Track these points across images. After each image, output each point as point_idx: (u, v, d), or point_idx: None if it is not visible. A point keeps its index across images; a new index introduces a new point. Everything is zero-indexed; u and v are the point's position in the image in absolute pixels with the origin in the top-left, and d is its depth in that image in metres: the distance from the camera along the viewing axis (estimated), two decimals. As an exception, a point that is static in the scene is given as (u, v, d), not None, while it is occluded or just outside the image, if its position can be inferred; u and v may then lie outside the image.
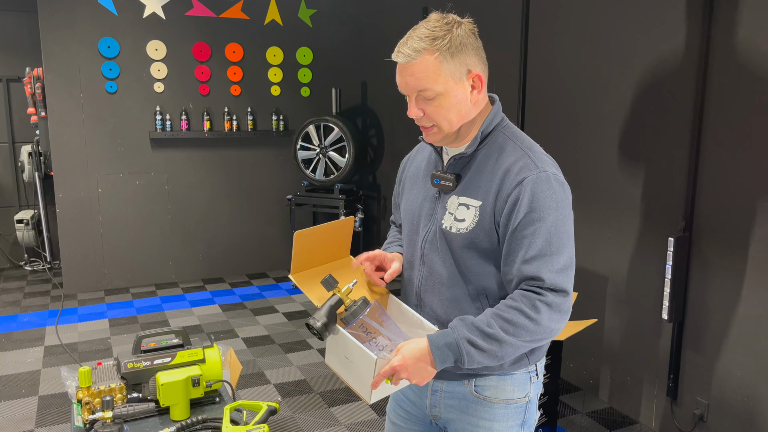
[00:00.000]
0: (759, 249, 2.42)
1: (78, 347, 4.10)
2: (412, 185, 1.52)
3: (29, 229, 5.82)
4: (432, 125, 1.34)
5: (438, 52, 1.25)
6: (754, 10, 2.37)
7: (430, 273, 1.42)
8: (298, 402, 3.33)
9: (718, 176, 2.56)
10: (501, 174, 1.31)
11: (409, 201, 1.51)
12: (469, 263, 1.35)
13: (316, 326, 1.32)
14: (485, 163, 1.34)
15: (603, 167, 3.16)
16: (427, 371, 1.26)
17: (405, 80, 1.29)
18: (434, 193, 1.43)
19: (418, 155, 1.57)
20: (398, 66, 1.29)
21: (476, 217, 1.32)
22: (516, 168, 1.29)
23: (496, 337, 1.24)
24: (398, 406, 1.60)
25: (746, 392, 2.51)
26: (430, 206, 1.43)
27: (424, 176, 1.48)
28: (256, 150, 5.73)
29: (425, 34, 1.26)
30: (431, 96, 1.29)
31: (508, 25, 3.75)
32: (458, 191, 1.37)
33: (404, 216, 1.52)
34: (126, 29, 5.09)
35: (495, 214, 1.30)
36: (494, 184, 1.31)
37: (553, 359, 2.75)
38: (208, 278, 5.70)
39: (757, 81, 2.38)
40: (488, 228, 1.31)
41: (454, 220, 1.35)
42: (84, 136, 5.09)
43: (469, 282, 1.36)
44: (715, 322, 2.61)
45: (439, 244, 1.39)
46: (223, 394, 1.86)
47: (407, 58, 1.26)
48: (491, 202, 1.31)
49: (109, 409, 1.60)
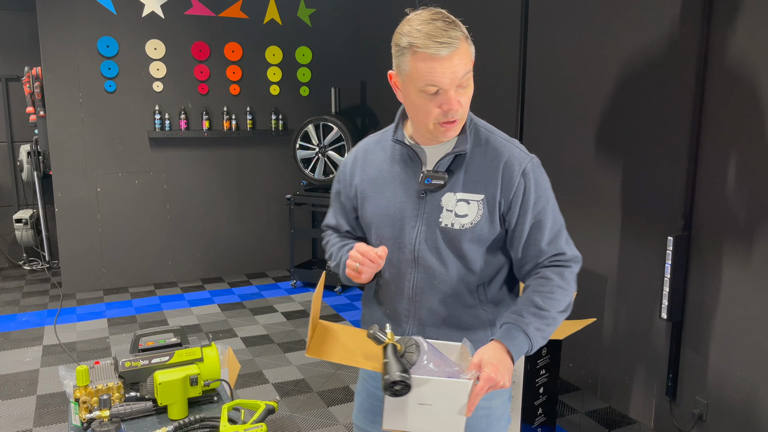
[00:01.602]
0: (758, 248, 2.42)
1: (77, 346, 4.09)
2: (380, 188, 1.44)
3: (28, 228, 5.81)
4: (456, 119, 1.32)
5: (467, 38, 1.29)
6: (753, 9, 2.37)
7: (426, 273, 1.41)
8: (297, 401, 3.33)
9: (718, 176, 2.56)
10: (500, 167, 1.36)
11: (381, 205, 1.44)
12: (474, 256, 1.39)
13: (408, 381, 1.17)
14: (477, 158, 1.38)
15: (602, 166, 3.16)
16: (511, 369, 1.29)
17: (453, 69, 1.26)
18: (418, 193, 1.40)
19: (369, 158, 1.48)
20: (439, 60, 1.24)
21: (480, 210, 1.36)
22: (512, 160, 1.37)
23: (552, 317, 1.34)
24: (369, 412, 1.56)
25: (745, 392, 2.50)
26: (413, 207, 1.40)
27: (394, 178, 1.43)
28: (256, 149, 5.72)
29: (446, 24, 1.26)
30: (466, 83, 1.31)
31: (507, 24, 3.75)
32: (453, 188, 1.37)
33: (378, 221, 1.44)
34: (125, 28, 5.08)
35: (501, 206, 1.37)
36: (495, 177, 1.36)
37: (551, 359, 2.75)
38: (207, 278, 5.70)
39: (757, 80, 2.37)
40: (492, 219, 1.37)
41: (455, 216, 1.37)
42: (83, 135, 5.08)
43: (473, 273, 1.40)
44: (714, 321, 2.61)
45: (438, 242, 1.39)
46: (221, 393, 1.86)
47: (452, 47, 1.24)
48: (496, 195, 1.36)
49: (106, 408, 1.59)
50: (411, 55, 1.26)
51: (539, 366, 2.68)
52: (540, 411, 2.75)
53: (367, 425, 1.56)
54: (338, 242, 1.56)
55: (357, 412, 1.61)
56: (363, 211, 1.48)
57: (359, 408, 1.60)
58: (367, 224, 1.48)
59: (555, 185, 1.49)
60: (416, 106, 1.32)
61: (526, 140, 3.66)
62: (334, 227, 1.59)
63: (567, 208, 3.37)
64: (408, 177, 1.42)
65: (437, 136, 1.35)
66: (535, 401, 2.70)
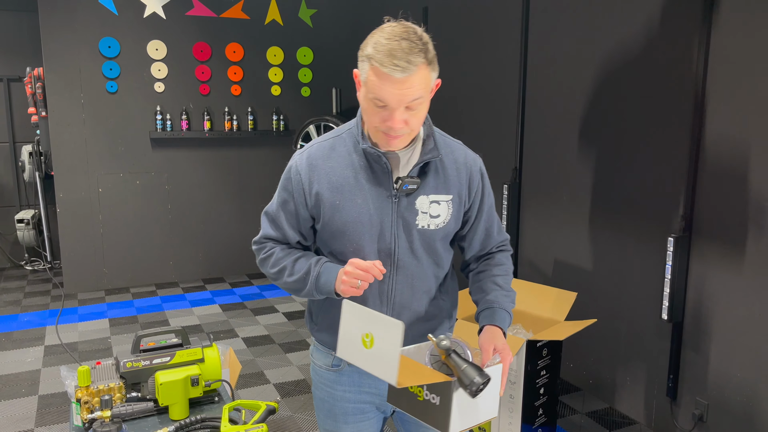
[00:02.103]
0: (758, 249, 2.42)
1: (78, 347, 4.10)
2: (349, 196, 1.41)
3: (30, 228, 5.83)
4: (397, 136, 1.35)
5: (429, 63, 1.31)
6: (755, 7, 2.37)
7: (405, 275, 1.46)
8: (298, 402, 3.33)
9: (718, 176, 2.56)
10: (462, 168, 1.48)
11: (354, 213, 1.41)
12: (442, 252, 1.51)
13: (485, 379, 1.25)
14: (443, 161, 1.47)
15: (603, 167, 3.16)
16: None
17: (402, 92, 1.28)
18: (389, 198, 1.41)
19: (328, 165, 1.43)
20: (391, 80, 1.26)
21: (450, 209, 1.47)
22: (470, 161, 1.51)
23: (512, 293, 1.54)
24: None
25: (746, 392, 2.51)
26: (388, 212, 1.42)
27: (363, 185, 1.41)
28: (257, 150, 5.73)
29: (411, 46, 1.27)
30: (416, 107, 1.32)
31: (509, 24, 3.75)
32: (425, 191, 1.44)
33: (353, 228, 1.42)
34: (126, 29, 5.09)
35: (465, 204, 1.50)
36: (460, 178, 1.48)
37: (552, 359, 2.75)
38: (209, 278, 5.70)
39: (758, 80, 2.38)
40: (458, 216, 1.50)
41: (430, 217, 1.45)
42: (84, 135, 5.09)
43: (441, 268, 1.53)
44: (715, 322, 2.61)
45: (415, 244, 1.45)
46: (222, 394, 1.87)
47: (407, 72, 1.26)
48: (462, 194, 1.48)
49: (107, 409, 1.60)
50: (369, 66, 1.29)
51: (540, 366, 2.68)
52: (540, 411, 2.75)
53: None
54: (292, 254, 1.48)
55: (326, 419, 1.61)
56: (330, 219, 1.43)
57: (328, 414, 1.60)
58: (337, 232, 1.43)
59: (555, 186, 1.51)
60: (365, 109, 1.36)
61: (526, 141, 3.66)
62: (278, 239, 1.50)
63: (568, 208, 3.38)
64: (378, 183, 1.42)
65: (380, 143, 1.39)
66: (536, 402, 2.71)
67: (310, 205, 1.44)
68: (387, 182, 1.41)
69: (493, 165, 3.98)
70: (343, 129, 1.48)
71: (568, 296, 2.83)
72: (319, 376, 1.60)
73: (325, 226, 1.44)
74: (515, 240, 3.77)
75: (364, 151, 1.42)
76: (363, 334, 1.22)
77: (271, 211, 1.51)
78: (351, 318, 1.25)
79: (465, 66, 4.17)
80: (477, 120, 4.11)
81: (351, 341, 1.24)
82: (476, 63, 4.07)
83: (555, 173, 3.45)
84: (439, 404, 1.27)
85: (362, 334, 1.22)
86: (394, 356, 1.15)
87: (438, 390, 1.27)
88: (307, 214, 1.46)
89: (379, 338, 1.19)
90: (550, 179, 3.49)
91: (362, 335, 1.22)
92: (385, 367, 1.17)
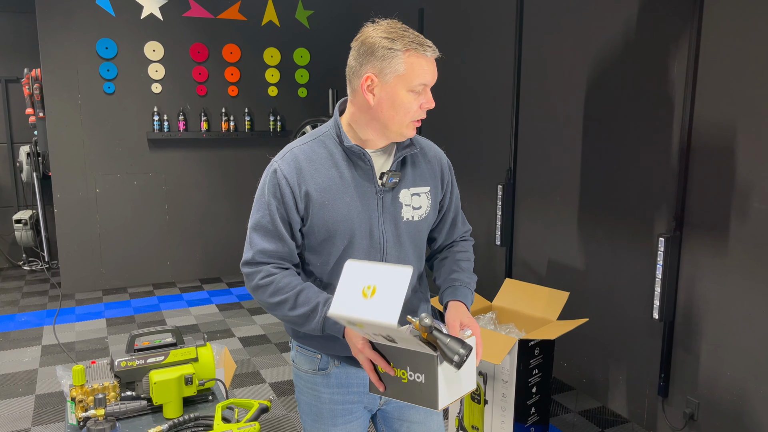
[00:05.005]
0: (749, 249, 2.44)
1: (75, 347, 4.12)
2: (336, 195, 1.42)
3: (27, 229, 5.84)
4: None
5: None
6: (746, 4, 2.40)
7: None
8: (293, 401, 3.35)
9: (709, 176, 2.58)
10: (434, 161, 1.57)
11: (343, 212, 1.42)
12: (421, 242, 1.57)
13: (468, 350, 1.26)
14: (417, 155, 1.54)
15: (593, 167, 3.18)
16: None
17: (434, 71, 1.40)
18: (374, 193, 1.45)
19: (313, 166, 1.43)
20: (428, 60, 1.37)
21: (429, 200, 1.54)
22: (439, 155, 1.60)
23: (474, 275, 1.64)
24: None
25: (736, 391, 2.53)
26: (375, 208, 1.46)
27: (349, 184, 1.43)
28: (254, 150, 5.75)
29: (416, 35, 1.40)
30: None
31: (503, 26, 3.77)
32: (406, 184, 1.50)
33: (342, 228, 1.43)
34: (124, 30, 5.11)
35: (439, 195, 1.57)
36: (433, 170, 1.55)
37: (545, 358, 2.77)
38: (206, 278, 5.72)
39: (748, 79, 2.40)
40: (436, 206, 1.57)
41: (413, 209, 1.51)
42: (82, 136, 5.11)
43: (421, 260, 1.59)
44: (706, 321, 2.64)
45: (402, 237, 1.50)
46: (216, 393, 1.89)
47: (435, 51, 1.39)
48: (437, 185, 1.56)
49: (101, 407, 1.62)
50: (405, 56, 1.35)
51: (532, 365, 2.70)
52: (533, 410, 2.77)
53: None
54: (293, 285, 1.42)
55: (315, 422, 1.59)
56: (317, 219, 1.42)
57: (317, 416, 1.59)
58: (327, 232, 1.43)
59: (548, 186, 1.55)
60: (401, 104, 1.38)
61: (520, 142, 3.68)
62: (276, 252, 1.44)
63: (560, 208, 3.41)
64: (362, 180, 1.45)
65: (405, 134, 1.44)
66: (528, 401, 2.73)
67: (301, 207, 1.43)
68: (371, 179, 1.45)
69: (488, 166, 4.00)
70: (319, 131, 1.52)
71: (560, 296, 2.86)
72: (304, 380, 1.58)
73: (314, 226, 1.43)
74: (509, 240, 3.80)
75: (348, 150, 1.44)
76: (364, 287, 1.22)
77: (264, 222, 1.44)
78: (353, 275, 1.25)
79: (460, 67, 4.19)
80: (471, 121, 4.13)
81: (349, 296, 1.22)
82: (471, 65, 4.09)
83: (548, 174, 3.47)
84: (425, 381, 1.29)
85: (363, 287, 1.22)
86: (398, 299, 1.17)
87: (422, 368, 1.29)
88: (297, 218, 1.44)
89: (383, 286, 1.20)
90: (543, 180, 3.51)
91: (363, 288, 1.22)
92: (386, 310, 1.17)
